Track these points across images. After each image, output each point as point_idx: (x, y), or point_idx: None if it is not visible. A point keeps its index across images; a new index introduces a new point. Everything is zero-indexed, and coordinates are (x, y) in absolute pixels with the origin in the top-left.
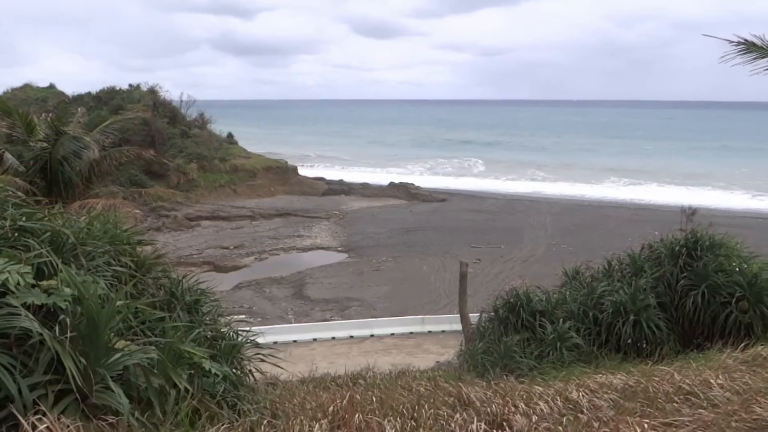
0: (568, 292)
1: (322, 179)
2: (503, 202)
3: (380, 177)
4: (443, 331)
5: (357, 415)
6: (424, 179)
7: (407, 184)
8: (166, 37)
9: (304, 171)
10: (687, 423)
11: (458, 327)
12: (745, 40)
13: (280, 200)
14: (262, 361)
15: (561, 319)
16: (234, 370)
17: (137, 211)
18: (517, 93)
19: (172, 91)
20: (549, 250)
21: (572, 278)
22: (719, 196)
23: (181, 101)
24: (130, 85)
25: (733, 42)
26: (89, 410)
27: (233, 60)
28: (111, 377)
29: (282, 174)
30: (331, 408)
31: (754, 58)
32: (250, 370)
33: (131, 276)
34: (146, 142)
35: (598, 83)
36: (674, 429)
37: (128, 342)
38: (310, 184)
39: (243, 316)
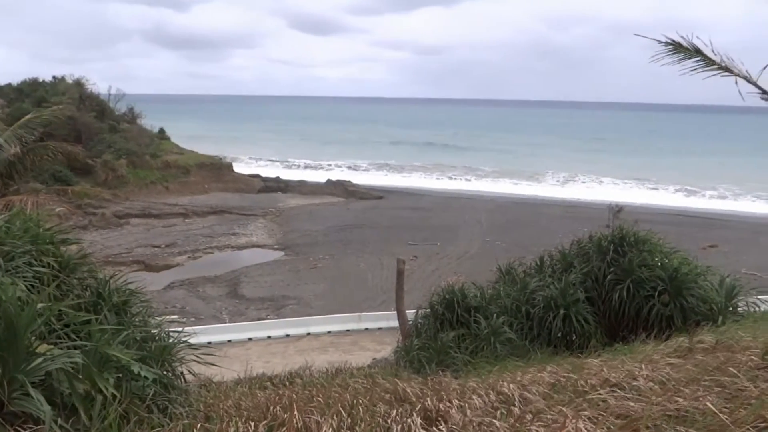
0: (501, 288)
1: (258, 176)
2: (440, 199)
3: (317, 174)
4: (380, 328)
5: (294, 415)
6: (361, 177)
7: (345, 181)
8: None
9: (239, 168)
10: (613, 412)
11: (395, 324)
12: (673, 40)
13: (215, 197)
14: (195, 362)
15: (495, 315)
16: (165, 373)
17: (61, 208)
18: (454, 92)
19: (100, 84)
20: (484, 247)
21: (506, 274)
22: (647, 194)
23: (110, 95)
24: (55, 77)
25: (662, 42)
26: (7, 419)
27: (166, 53)
28: (32, 383)
29: (216, 171)
30: (268, 408)
31: (681, 59)
32: (182, 372)
33: (54, 277)
34: (72, 137)
35: (533, 83)
36: (601, 419)
37: (51, 346)
38: (245, 181)
39: (175, 317)
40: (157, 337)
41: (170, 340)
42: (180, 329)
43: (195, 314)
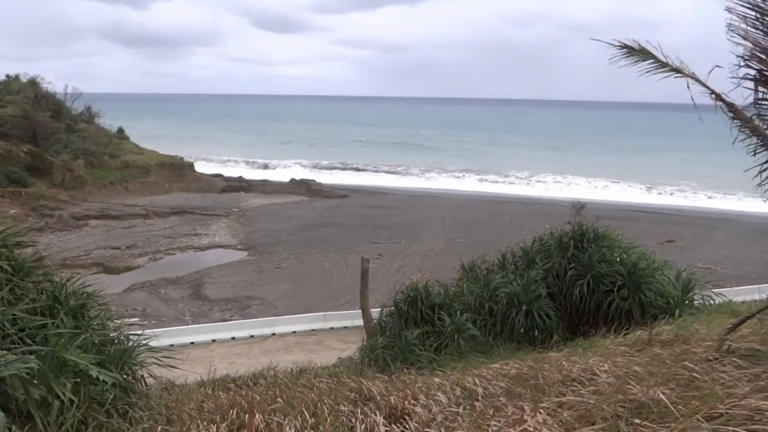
0: (465, 285)
1: (220, 176)
2: (404, 197)
3: (281, 173)
4: (345, 327)
5: (257, 416)
6: (325, 175)
7: (308, 180)
8: (50, 24)
9: (201, 167)
10: (572, 406)
11: (360, 323)
12: (626, 44)
13: (176, 198)
14: (157, 365)
15: (458, 312)
16: (125, 376)
17: (14, 210)
18: (418, 90)
19: (55, 82)
20: (447, 245)
21: (469, 271)
22: (609, 191)
23: (66, 93)
24: (8, 76)
25: (616, 45)
26: None
27: (124, 51)
28: None
29: (177, 170)
30: (230, 410)
31: (636, 61)
32: (142, 376)
33: (8, 281)
34: (27, 136)
35: (495, 81)
36: (559, 412)
37: (5, 351)
38: (207, 180)
39: (136, 319)
40: (116, 341)
41: (130, 344)
42: (140, 332)
43: (157, 317)
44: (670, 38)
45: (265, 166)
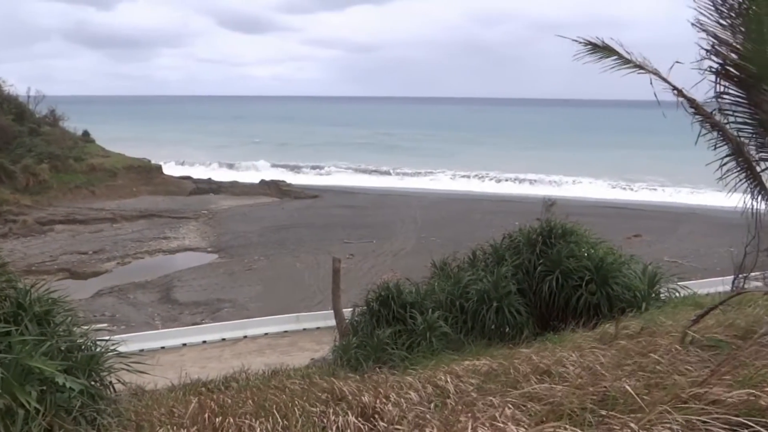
0: (436, 283)
1: (189, 178)
2: (375, 197)
3: (250, 175)
4: (318, 328)
5: (227, 419)
6: (295, 176)
7: (278, 181)
8: (11, 25)
9: (169, 170)
10: (541, 398)
11: (333, 323)
12: (590, 41)
13: (144, 201)
14: (126, 371)
15: (430, 310)
16: (92, 383)
17: None
18: (388, 90)
19: (18, 85)
20: (419, 243)
21: (440, 269)
22: (579, 187)
23: (29, 96)
24: None
25: (581, 42)
26: None
27: (88, 52)
28: None
29: (145, 173)
30: (201, 414)
31: (600, 58)
32: (110, 382)
33: None
34: None
35: (464, 80)
36: (529, 405)
37: None
38: (175, 183)
39: (104, 325)
40: (83, 347)
41: (98, 349)
42: (107, 338)
43: (126, 322)
44: (642, 36)
45: (234, 167)
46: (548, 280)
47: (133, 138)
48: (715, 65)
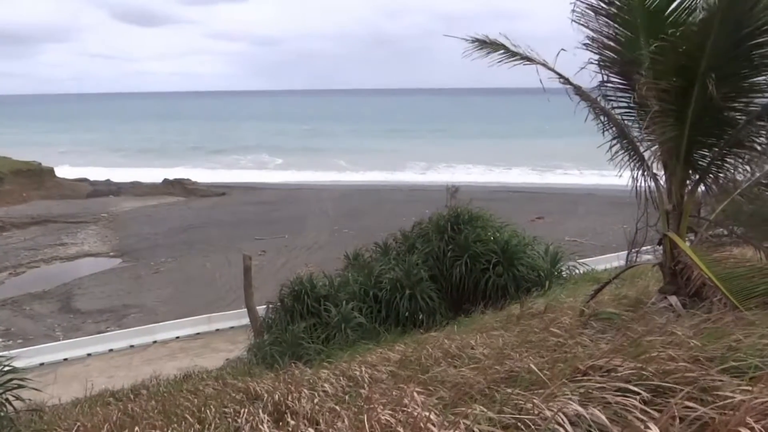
0: (350, 275)
1: (85, 180)
2: (283, 192)
3: (152, 174)
4: (232, 328)
5: (135, 429)
6: (200, 174)
7: (183, 180)
8: None
9: (62, 172)
10: (451, 381)
11: (247, 322)
12: (477, 38)
13: (36, 206)
14: (23, 387)
15: (344, 301)
16: None
17: None
18: (293, 83)
19: None
20: (332, 236)
21: (354, 260)
22: (485, 174)
23: None
24: None
25: (468, 40)
26: None
27: None
28: None
29: (35, 177)
30: (106, 425)
31: (488, 53)
32: (7, 399)
33: None
34: None
35: (370, 72)
36: (438, 389)
37: None
38: (70, 186)
39: None
40: None
41: None
42: (1, 354)
43: (23, 335)
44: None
45: (134, 167)
46: (458, 264)
47: (18, 141)
48: (596, 55)
